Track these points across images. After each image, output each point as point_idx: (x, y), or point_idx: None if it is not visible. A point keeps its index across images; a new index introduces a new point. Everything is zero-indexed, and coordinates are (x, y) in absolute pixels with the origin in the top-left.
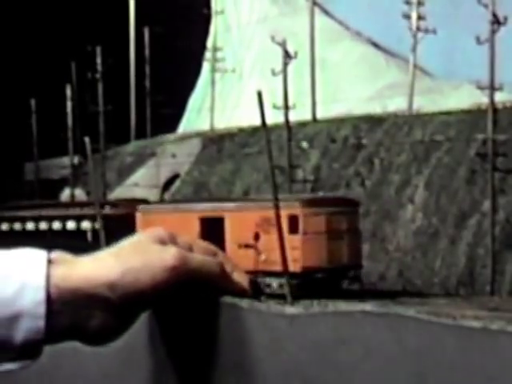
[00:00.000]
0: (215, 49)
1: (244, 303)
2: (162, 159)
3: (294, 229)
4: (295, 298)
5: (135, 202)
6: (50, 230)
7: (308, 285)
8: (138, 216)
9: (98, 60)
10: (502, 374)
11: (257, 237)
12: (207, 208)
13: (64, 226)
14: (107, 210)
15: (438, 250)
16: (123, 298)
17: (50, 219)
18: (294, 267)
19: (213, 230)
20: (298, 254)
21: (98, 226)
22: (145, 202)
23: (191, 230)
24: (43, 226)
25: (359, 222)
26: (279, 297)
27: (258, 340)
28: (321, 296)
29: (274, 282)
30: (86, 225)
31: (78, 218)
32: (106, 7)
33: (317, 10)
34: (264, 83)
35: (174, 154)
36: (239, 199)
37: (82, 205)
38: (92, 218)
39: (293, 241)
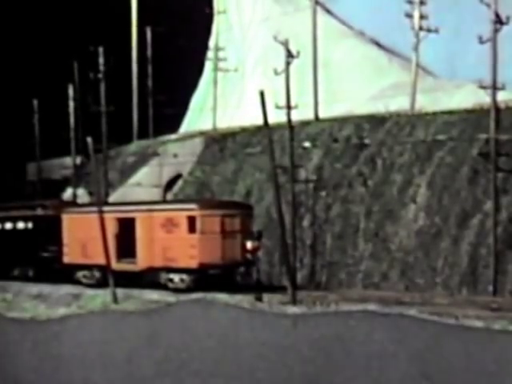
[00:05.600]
0: (217, 48)
1: (246, 303)
2: (164, 159)
3: (192, 229)
4: (192, 291)
5: (64, 204)
6: (3, 229)
7: (204, 279)
8: (64, 217)
9: (101, 60)
10: (505, 373)
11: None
12: (122, 210)
13: (14, 226)
14: (38, 212)
15: (440, 250)
16: None
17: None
18: (191, 263)
19: (127, 229)
20: (196, 251)
21: (30, 226)
22: (73, 204)
23: (110, 229)
24: None
25: (252, 223)
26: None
27: (261, 339)
28: (216, 289)
29: (176, 277)
30: (21, 225)
31: (14, 219)
32: (107, 8)
33: (319, 10)
34: (266, 83)
35: (176, 154)
36: (149, 202)
37: (23, 207)
38: (25, 219)
39: (191, 239)
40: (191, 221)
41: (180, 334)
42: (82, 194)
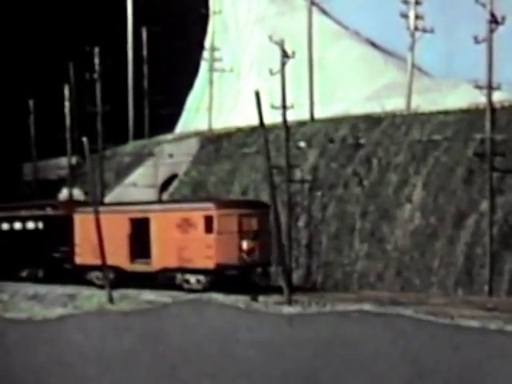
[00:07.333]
0: (213, 48)
1: (241, 304)
2: (159, 159)
3: (208, 229)
4: (208, 292)
5: (75, 204)
6: (12, 229)
7: (221, 280)
8: (76, 217)
9: (96, 60)
10: (500, 373)
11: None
12: (136, 210)
13: (24, 225)
14: (48, 211)
15: (436, 250)
16: None
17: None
18: (208, 264)
19: (141, 229)
20: (212, 251)
21: (40, 226)
22: (83, 203)
23: (123, 229)
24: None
25: (269, 223)
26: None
27: (257, 339)
28: (232, 290)
29: (192, 278)
30: (31, 225)
31: (24, 219)
32: (103, 8)
33: (315, 10)
34: (262, 83)
35: (172, 154)
36: (164, 202)
37: (33, 207)
38: (35, 219)
39: (207, 240)
40: (208, 220)
41: (176, 334)
42: (78, 195)
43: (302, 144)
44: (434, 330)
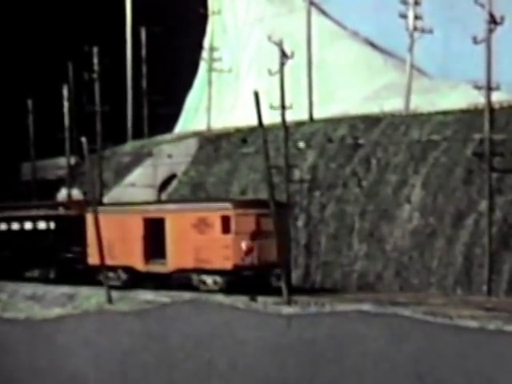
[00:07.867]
0: (212, 49)
1: (240, 304)
2: (158, 159)
3: (226, 229)
4: (224, 293)
5: (88, 204)
6: (22, 229)
7: (238, 281)
8: (89, 217)
9: (95, 60)
10: (500, 374)
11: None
12: (150, 210)
13: (34, 226)
14: (60, 211)
15: (434, 250)
16: None
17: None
18: (225, 265)
19: (155, 229)
20: (230, 252)
21: (52, 226)
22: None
23: (136, 229)
24: (15, 226)
25: (289, 222)
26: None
27: (256, 340)
28: (250, 292)
29: (209, 279)
30: (42, 225)
31: (34, 219)
32: (102, 8)
33: (313, 10)
34: (261, 83)
35: (171, 154)
36: (180, 201)
37: (44, 206)
38: (47, 219)
39: (225, 240)
40: (225, 220)
41: (174, 334)
42: (77, 195)
43: (301, 144)
44: (432, 330)
